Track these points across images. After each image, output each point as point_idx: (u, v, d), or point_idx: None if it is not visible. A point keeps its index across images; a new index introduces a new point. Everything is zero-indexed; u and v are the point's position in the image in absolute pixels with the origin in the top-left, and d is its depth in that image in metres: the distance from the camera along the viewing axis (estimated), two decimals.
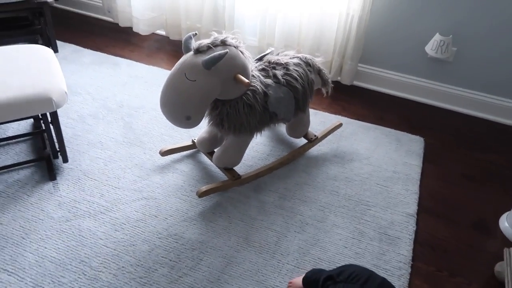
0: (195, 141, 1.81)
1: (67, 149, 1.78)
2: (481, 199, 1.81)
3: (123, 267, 1.37)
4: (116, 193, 1.65)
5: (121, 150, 1.86)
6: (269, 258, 1.45)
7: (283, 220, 1.60)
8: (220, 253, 1.45)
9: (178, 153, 1.86)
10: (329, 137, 2.03)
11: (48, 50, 1.70)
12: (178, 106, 1.41)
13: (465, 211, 1.75)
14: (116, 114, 2.08)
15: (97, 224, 1.51)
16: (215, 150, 1.76)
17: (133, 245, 1.45)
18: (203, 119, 1.53)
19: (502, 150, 2.11)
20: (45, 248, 1.41)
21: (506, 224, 1.68)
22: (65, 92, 1.50)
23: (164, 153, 1.80)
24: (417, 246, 1.57)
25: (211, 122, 1.60)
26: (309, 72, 1.74)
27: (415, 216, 1.68)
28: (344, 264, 1.43)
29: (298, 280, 1.32)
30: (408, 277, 1.44)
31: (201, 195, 1.61)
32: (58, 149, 1.70)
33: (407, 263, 1.48)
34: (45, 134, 1.72)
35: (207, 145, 1.75)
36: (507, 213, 1.72)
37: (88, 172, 1.73)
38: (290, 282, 1.35)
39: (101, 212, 1.56)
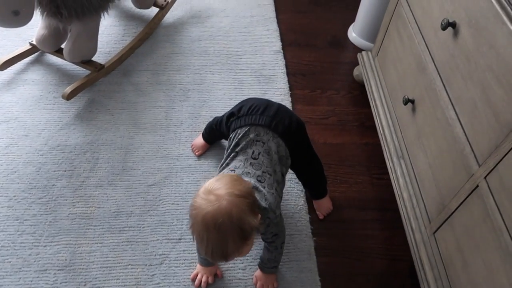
0: (34, 42, 1.55)
1: None
2: (329, 20, 1.99)
3: (14, 196, 1.25)
4: None
5: None
6: (164, 133, 1.45)
7: (164, 94, 1.57)
8: (114, 146, 1.40)
9: (19, 62, 1.59)
10: None
11: None
12: None
13: (319, 34, 1.91)
14: None
15: None
16: (63, 46, 1.54)
17: (15, 171, 1.30)
18: (34, 11, 1.28)
19: None
20: None
21: (354, 34, 1.90)
22: None
23: (2, 66, 1.52)
24: (290, 77, 1.71)
25: (45, 13, 1.36)
26: None
27: (282, 51, 1.79)
28: None
29: (198, 139, 1.37)
30: (291, 105, 1.59)
31: (68, 97, 1.45)
32: None
33: (287, 93, 1.63)
34: None
35: (51, 42, 1.52)
36: (352, 24, 1.94)
37: None
38: (192, 144, 1.40)
39: None
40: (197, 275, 1.12)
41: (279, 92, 1.62)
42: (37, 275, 1.10)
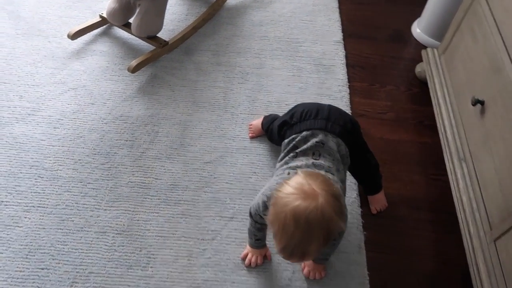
0: (104, 15, 1.61)
1: None
2: (393, 13, 1.93)
3: (79, 159, 1.31)
4: (36, 91, 1.47)
5: (19, 44, 1.60)
6: (222, 113, 1.47)
7: (224, 75, 1.59)
8: (173, 121, 1.43)
9: (89, 34, 1.66)
10: None
11: None
12: None
13: (382, 27, 1.87)
14: None
15: (30, 127, 1.37)
16: (130, 20, 1.59)
17: (81, 136, 1.36)
18: None
19: None
20: None
21: (418, 30, 1.84)
22: None
23: (73, 36, 1.58)
24: (349, 68, 1.68)
25: None
26: None
27: (342, 42, 1.76)
28: (292, 102, 1.52)
29: (258, 122, 1.38)
30: (348, 97, 1.57)
31: (133, 70, 1.50)
32: None
33: (345, 85, 1.61)
34: None
35: (120, 17, 1.57)
36: (417, 19, 1.88)
37: None
38: (251, 124, 1.41)
39: (29, 114, 1.40)
40: (247, 255, 1.13)
41: (337, 83, 1.61)
42: (97, 236, 1.16)
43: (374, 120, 1.53)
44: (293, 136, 1.06)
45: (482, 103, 1.18)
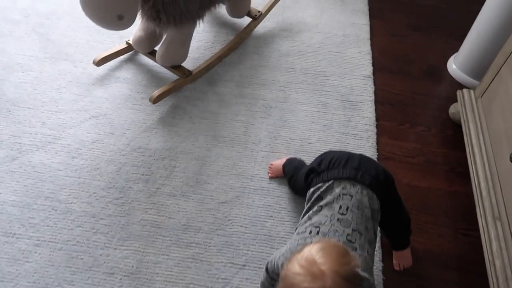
0: (130, 42, 1.60)
1: None
2: (428, 47, 1.84)
3: (94, 193, 1.29)
4: (58, 118, 1.47)
5: (46, 68, 1.61)
6: (242, 150, 1.43)
7: (246, 108, 1.55)
8: (191, 156, 1.40)
9: (114, 60, 1.65)
10: (272, 10, 1.88)
11: None
12: (106, 4, 1.18)
13: (415, 61, 1.78)
14: (24, 26, 1.76)
15: (49, 155, 1.37)
16: (156, 48, 1.57)
17: (97, 168, 1.35)
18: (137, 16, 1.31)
19: None
20: (0, 193, 1.27)
21: (454, 66, 1.75)
22: None
23: (99, 62, 1.59)
24: (378, 105, 1.60)
25: (145, 17, 1.39)
26: None
27: (372, 76, 1.69)
28: (315, 141, 1.45)
29: (279, 163, 1.32)
30: (375, 137, 1.49)
31: (154, 100, 1.48)
32: None
33: (372, 124, 1.53)
34: None
35: (146, 45, 1.56)
36: (454, 55, 1.78)
37: (16, 101, 1.50)
38: (271, 164, 1.36)
39: (49, 142, 1.40)
40: None
41: (364, 121, 1.53)
42: (105, 277, 1.13)
43: (401, 164, 1.44)
44: (319, 185, 1.00)
45: None
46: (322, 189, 0.98)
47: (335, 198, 0.95)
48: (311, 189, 1.02)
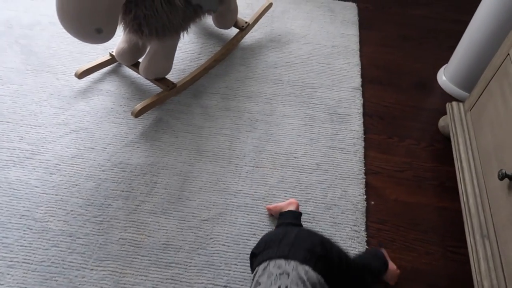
0: (114, 53, 1.57)
1: None
2: (418, 58, 1.82)
3: (71, 210, 1.25)
4: (37, 132, 1.43)
5: (27, 80, 1.58)
6: (226, 165, 1.39)
7: (232, 121, 1.51)
8: (173, 171, 1.36)
9: (97, 72, 1.62)
10: (261, 20, 1.85)
11: None
12: (84, 17, 1.15)
13: (405, 73, 1.75)
14: (6, 37, 1.72)
15: (26, 171, 1.33)
16: (140, 60, 1.54)
17: (76, 185, 1.31)
18: (117, 29, 1.28)
19: (431, 2, 2.08)
20: None
21: (444, 78, 1.72)
22: None
23: (81, 75, 1.55)
24: (366, 118, 1.57)
25: (127, 30, 1.36)
26: None
27: (360, 88, 1.66)
28: (301, 155, 1.42)
29: (275, 210, 1.26)
30: (363, 151, 1.46)
31: (137, 114, 1.44)
32: None
33: (360, 137, 1.50)
34: None
35: (129, 57, 1.53)
36: (444, 66, 1.76)
37: None
38: (269, 209, 1.28)
39: (26, 158, 1.36)
40: None
41: (351, 134, 1.50)
42: None
43: (389, 179, 1.41)
44: (256, 269, 0.90)
45: (510, 178, 1.05)
46: (258, 273, 0.88)
47: (272, 281, 0.86)
48: (252, 275, 0.92)
